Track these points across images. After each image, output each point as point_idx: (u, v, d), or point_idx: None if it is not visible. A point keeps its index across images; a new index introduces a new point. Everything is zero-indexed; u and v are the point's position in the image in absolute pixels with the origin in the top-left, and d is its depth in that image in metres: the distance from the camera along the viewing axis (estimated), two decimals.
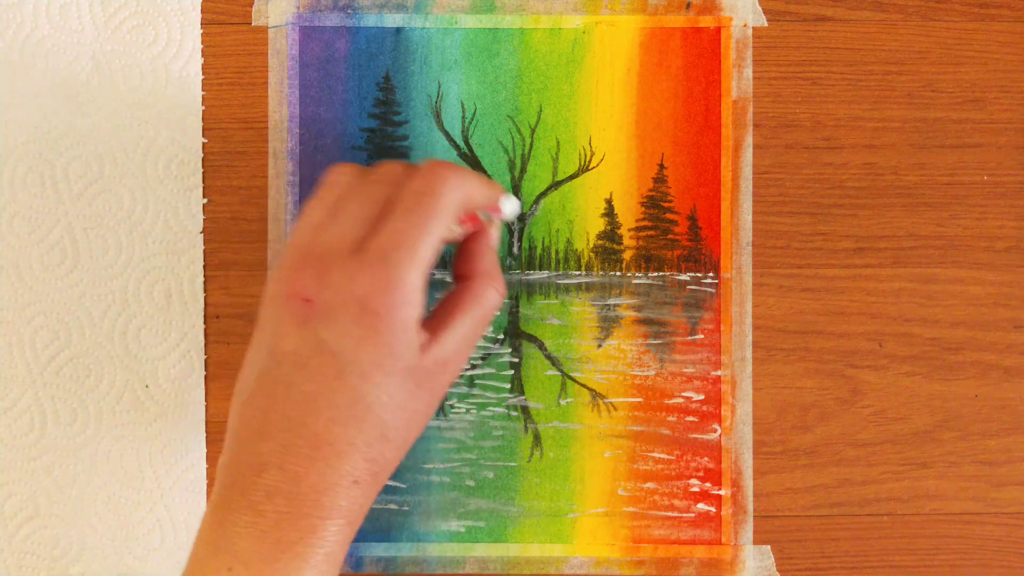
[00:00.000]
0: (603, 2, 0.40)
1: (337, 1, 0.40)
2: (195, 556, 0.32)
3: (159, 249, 0.40)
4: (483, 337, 0.40)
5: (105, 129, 0.40)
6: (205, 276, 0.40)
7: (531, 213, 0.41)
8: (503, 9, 0.40)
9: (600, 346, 0.41)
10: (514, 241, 0.40)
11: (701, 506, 0.40)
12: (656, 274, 0.41)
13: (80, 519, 0.40)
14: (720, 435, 0.40)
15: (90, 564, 0.40)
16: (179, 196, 0.40)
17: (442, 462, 0.40)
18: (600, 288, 0.41)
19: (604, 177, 0.41)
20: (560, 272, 0.41)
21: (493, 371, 0.40)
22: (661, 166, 0.41)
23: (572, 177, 0.41)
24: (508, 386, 0.40)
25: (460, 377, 0.40)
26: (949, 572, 0.41)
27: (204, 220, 0.40)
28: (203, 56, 0.40)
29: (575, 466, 0.40)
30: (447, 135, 0.40)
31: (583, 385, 0.40)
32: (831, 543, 0.41)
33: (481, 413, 0.40)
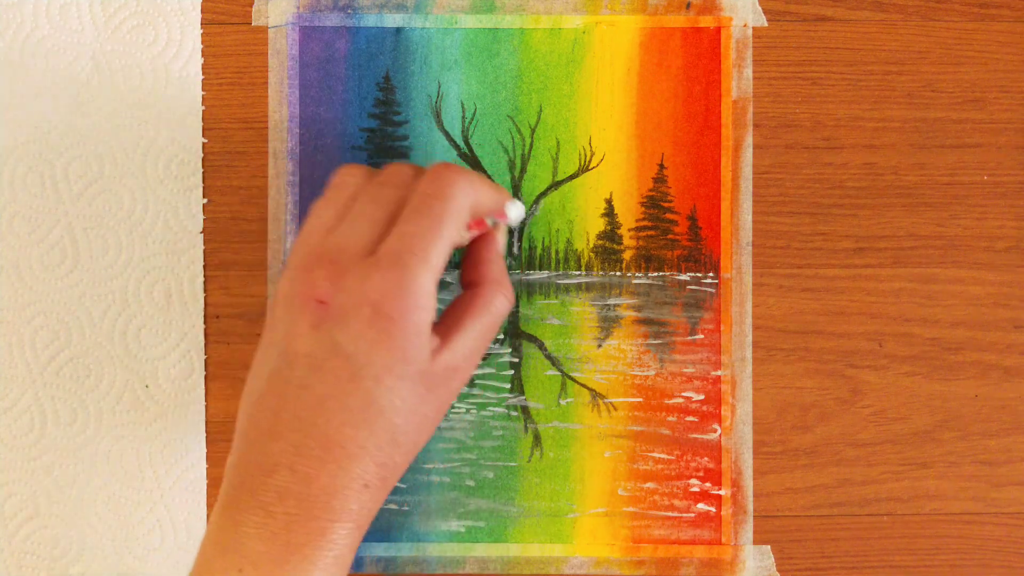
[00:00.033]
0: (603, 2, 0.40)
1: (337, 1, 0.40)
2: (203, 556, 0.31)
3: (159, 249, 0.40)
4: None
5: (105, 129, 0.40)
6: (205, 276, 0.40)
7: (531, 213, 0.41)
8: (503, 9, 0.40)
9: (600, 346, 0.41)
10: (514, 241, 0.40)
11: (701, 506, 0.40)
12: (656, 274, 0.41)
13: (80, 519, 0.40)
14: (720, 435, 0.40)
15: (90, 564, 0.40)
16: (179, 196, 0.40)
17: (442, 462, 0.40)
18: (600, 288, 0.41)
19: (604, 177, 0.41)
20: (560, 272, 0.41)
21: (493, 371, 0.40)
22: (661, 166, 0.41)
23: (572, 177, 0.41)
24: (508, 386, 0.40)
25: None
26: (949, 572, 0.41)
27: (204, 220, 0.40)
28: (203, 56, 0.40)
29: (575, 466, 0.40)
30: (447, 135, 0.40)
31: (583, 385, 0.40)
32: (831, 543, 0.41)
33: (481, 413, 0.40)
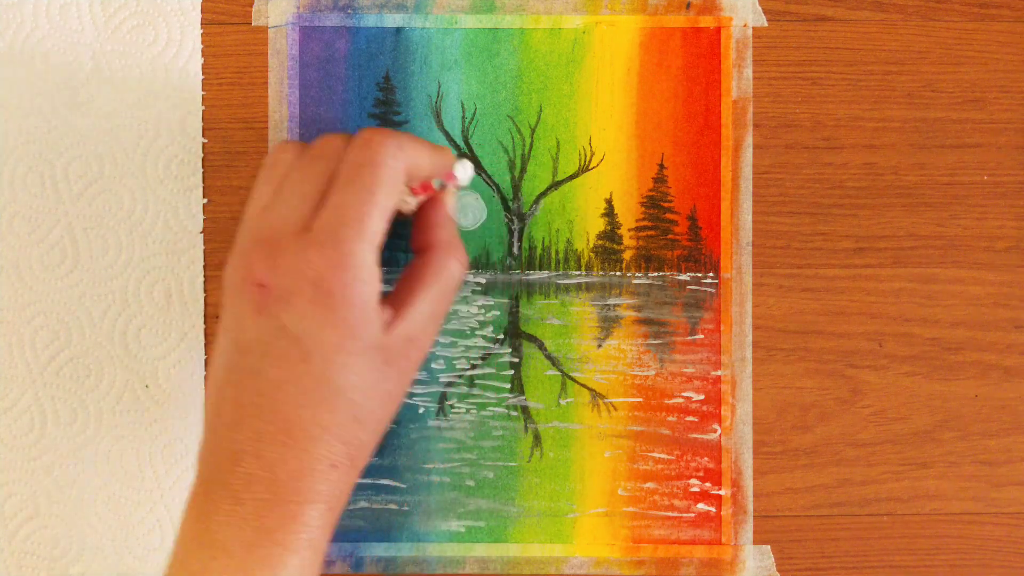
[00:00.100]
0: (603, 2, 0.40)
1: (337, 1, 0.40)
2: (178, 547, 0.32)
3: (159, 249, 0.40)
4: (483, 337, 0.40)
5: (105, 129, 0.40)
6: (205, 276, 0.40)
7: (531, 213, 0.41)
8: (503, 9, 0.40)
9: (600, 346, 0.41)
10: (514, 241, 0.40)
11: (701, 506, 0.40)
12: (656, 274, 0.41)
13: (80, 519, 0.40)
14: (720, 435, 0.40)
15: (90, 564, 0.40)
16: (179, 196, 0.40)
17: (442, 462, 0.40)
18: (600, 288, 0.41)
19: (604, 177, 0.41)
20: (560, 272, 0.41)
21: (493, 371, 0.40)
22: (661, 166, 0.41)
23: (572, 177, 0.41)
24: (508, 386, 0.40)
25: (460, 377, 0.40)
26: (949, 572, 0.41)
27: (204, 220, 0.40)
28: (203, 56, 0.40)
29: (575, 466, 0.40)
30: (447, 135, 0.40)
31: (583, 385, 0.40)
32: (831, 543, 0.41)
33: (481, 413, 0.40)
